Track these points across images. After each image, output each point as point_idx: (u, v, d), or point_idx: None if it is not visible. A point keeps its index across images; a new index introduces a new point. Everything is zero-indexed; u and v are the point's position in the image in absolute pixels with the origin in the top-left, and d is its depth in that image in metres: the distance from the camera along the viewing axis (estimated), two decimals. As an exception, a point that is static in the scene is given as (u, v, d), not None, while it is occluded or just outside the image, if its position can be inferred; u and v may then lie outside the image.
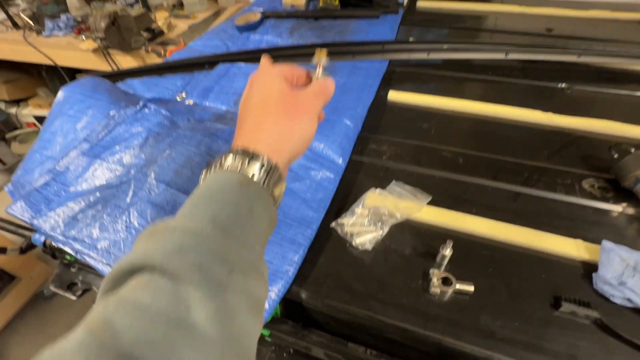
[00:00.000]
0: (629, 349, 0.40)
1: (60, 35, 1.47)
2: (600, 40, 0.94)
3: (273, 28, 1.03)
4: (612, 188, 0.57)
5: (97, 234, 0.46)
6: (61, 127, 0.65)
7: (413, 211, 0.52)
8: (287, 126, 0.35)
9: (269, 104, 0.36)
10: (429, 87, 0.83)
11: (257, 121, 0.35)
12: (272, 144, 0.34)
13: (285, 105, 0.35)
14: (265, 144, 0.33)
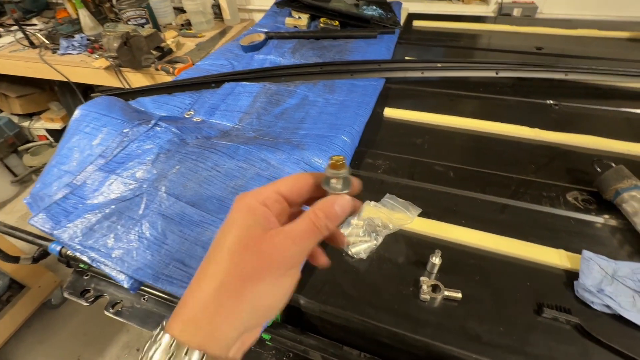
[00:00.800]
0: (607, 352, 0.42)
1: (74, 54, 1.55)
2: (588, 58, 0.99)
3: (276, 48, 1.08)
4: (595, 200, 0.60)
5: (112, 243, 0.50)
6: (78, 144, 0.69)
7: (405, 222, 0.55)
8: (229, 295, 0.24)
9: (212, 260, 0.26)
10: (423, 104, 0.87)
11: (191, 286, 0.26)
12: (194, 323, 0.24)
13: (238, 262, 0.25)
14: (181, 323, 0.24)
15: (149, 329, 0.58)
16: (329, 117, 0.77)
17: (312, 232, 0.26)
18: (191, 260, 0.49)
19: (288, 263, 0.26)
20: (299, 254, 0.26)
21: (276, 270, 0.25)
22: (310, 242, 0.26)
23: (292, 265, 0.26)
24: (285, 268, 0.26)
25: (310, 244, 0.26)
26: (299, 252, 0.26)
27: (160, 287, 0.47)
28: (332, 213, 0.27)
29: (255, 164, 0.61)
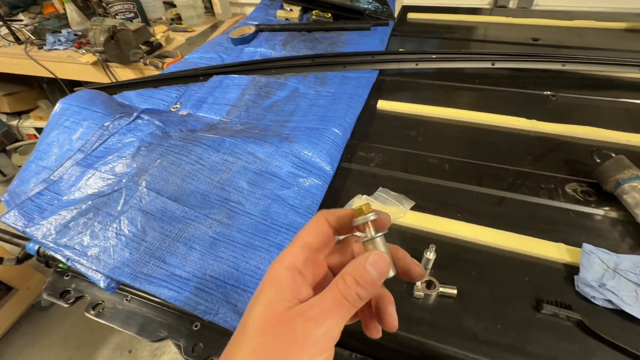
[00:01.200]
0: (610, 349, 0.40)
1: (61, 49, 1.50)
2: (585, 49, 0.97)
3: (267, 40, 1.05)
4: (595, 192, 0.58)
5: (88, 241, 0.48)
6: (57, 138, 0.66)
7: (397, 216, 0.53)
8: None
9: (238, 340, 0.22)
10: (417, 96, 0.85)
11: None
12: None
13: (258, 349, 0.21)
14: None
15: (132, 331, 0.55)
16: (320, 110, 0.74)
17: (340, 306, 0.21)
18: (172, 257, 0.47)
19: (313, 348, 0.21)
20: (326, 336, 0.21)
21: (299, 356, 0.20)
22: (340, 318, 0.21)
23: (320, 350, 0.21)
24: (309, 355, 0.21)
25: (341, 320, 0.22)
26: (324, 333, 0.21)
27: (138, 287, 0.44)
28: (365, 278, 0.22)
29: (242, 157, 0.58)
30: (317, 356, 0.21)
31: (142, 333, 0.54)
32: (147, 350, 1.50)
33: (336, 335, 0.22)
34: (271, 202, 0.54)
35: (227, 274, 0.46)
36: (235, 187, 0.55)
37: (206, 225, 0.50)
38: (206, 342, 0.49)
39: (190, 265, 0.46)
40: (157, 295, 0.44)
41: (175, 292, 0.44)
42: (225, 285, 0.45)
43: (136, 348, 1.50)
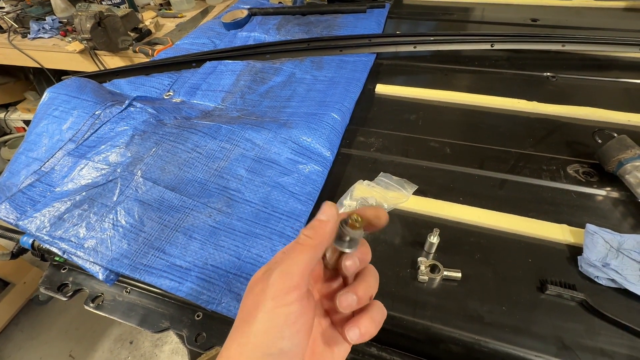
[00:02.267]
0: (614, 328, 0.40)
1: (46, 38, 1.45)
2: (585, 29, 0.95)
3: (260, 25, 1.02)
4: (596, 173, 0.57)
5: (84, 233, 0.46)
6: (46, 129, 0.64)
7: (400, 201, 0.52)
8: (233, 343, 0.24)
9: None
10: (416, 79, 0.83)
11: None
12: None
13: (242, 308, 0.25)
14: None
15: (133, 323, 0.55)
16: (318, 95, 0.73)
17: (295, 249, 0.25)
18: (172, 247, 0.46)
19: (276, 290, 0.23)
20: (286, 277, 0.24)
21: (266, 301, 0.23)
22: (299, 259, 0.25)
23: (282, 291, 0.24)
24: (272, 297, 0.23)
25: (301, 261, 0.24)
26: (284, 274, 0.24)
27: (138, 278, 0.43)
28: (313, 223, 0.26)
29: (239, 144, 0.57)
30: (281, 297, 0.23)
31: (144, 324, 0.53)
32: (149, 340, 1.50)
33: (298, 274, 0.24)
34: (271, 189, 0.53)
35: (229, 263, 0.45)
36: (233, 174, 0.54)
37: (205, 214, 0.49)
38: (209, 332, 0.49)
39: (190, 255, 0.45)
40: (158, 286, 0.43)
41: (177, 283, 0.43)
42: (228, 274, 0.44)
43: (137, 339, 1.51)
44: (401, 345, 0.44)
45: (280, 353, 0.23)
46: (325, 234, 0.25)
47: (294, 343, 0.23)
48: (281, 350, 0.23)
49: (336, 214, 0.26)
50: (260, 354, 0.23)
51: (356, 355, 0.44)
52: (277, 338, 0.23)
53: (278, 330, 0.23)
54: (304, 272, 0.24)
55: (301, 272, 0.24)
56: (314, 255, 0.25)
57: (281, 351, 0.23)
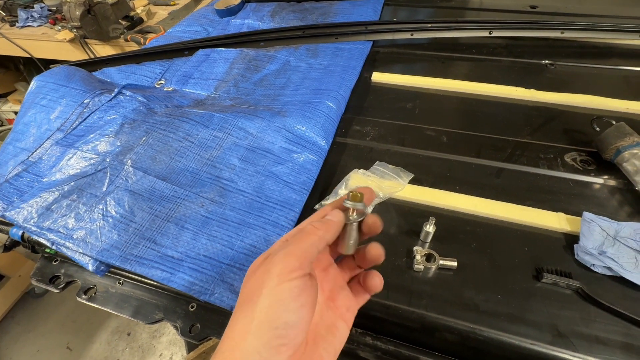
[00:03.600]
0: (609, 315, 0.40)
1: (35, 26, 1.41)
2: (584, 15, 0.94)
3: (254, 12, 1.00)
4: (594, 161, 0.57)
5: (73, 223, 0.45)
6: (34, 118, 0.63)
7: (396, 190, 0.52)
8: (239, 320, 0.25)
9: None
10: (413, 67, 0.82)
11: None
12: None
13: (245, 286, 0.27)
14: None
15: (126, 314, 0.54)
16: (313, 83, 0.71)
17: (302, 237, 0.27)
18: (163, 238, 0.45)
19: (280, 269, 0.25)
20: (290, 258, 0.25)
21: (270, 281, 0.24)
22: (305, 245, 0.26)
23: (285, 270, 0.25)
24: (277, 275, 0.25)
25: (307, 247, 0.26)
26: (287, 256, 0.25)
27: (129, 269, 0.42)
28: (322, 219, 0.28)
29: (232, 132, 0.56)
30: (285, 275, 0.24)
31: (137, 316, 0.53)
32: (146, 332, 1.51)
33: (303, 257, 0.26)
34: (265, 178, 0.52)
35: (221, 253, 0.44)
36: (226, 164, 0.53)
37: (197, 204, 0.48)
38: (203, 323, 0.48)
39: (182, 246, 0.44)
40: (149, 277, 0.42)
41: (168, 274, 0.42)
42: (220, 264, 0.44)
43: (135, 330, 1.51)
44: (396, 334, 0.44)
45: (286, 326, 0.23)
46: (332, 229, 0.28)
47: (298, 316, 0.24)
48: (286, 323, 0.23)
49: (344, 220, 0.29)
50: (267, 328, 0.23)
51: (352, 345, 0.44)
52: (282, 311, 0.23)
53: (283, 303, 0.24)
54: (308, 256, 0.26)
55: (305, 255, 0.26)
56: (318, 243, 0.26)
57: (286, 324, 0.23)
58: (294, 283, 0.24)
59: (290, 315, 0.24)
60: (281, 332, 0.23)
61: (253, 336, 0.23)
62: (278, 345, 0.23)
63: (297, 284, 0.24)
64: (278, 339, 0.23)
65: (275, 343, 0.23)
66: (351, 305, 0.32)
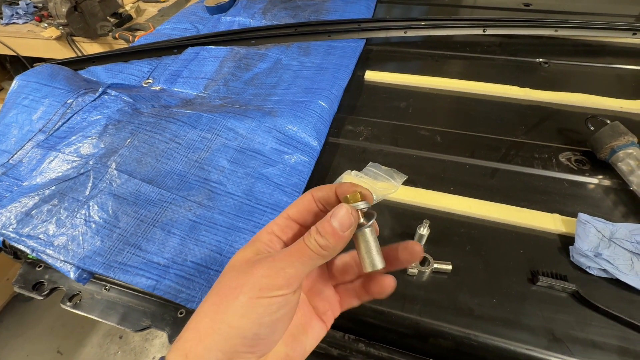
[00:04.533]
0: (605, 319, 0.40)
1: (20, 23, 1.38)
2: (577, 14, 0.94)
3: (245, 9, 0.98)
4: (589, 160, 0.56)
5: (54, 229, 0.43)
6: (16, 119, 0.60)
7: (389, 192, 0.51)
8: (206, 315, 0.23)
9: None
10: (407, 65, 0.81)
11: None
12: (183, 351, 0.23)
13: (220, 284, 0.25)
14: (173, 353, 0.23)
15: (112, 322, 0.52)
16: (305, 82, 0.70)
17: (301, 252, 0.23)
18: (149, 244, 0.43)
19: (264, 283, 0.23)
20: (280, 272, 0.23)
21: (250, 290, 0.22)
22: (300, 263, 0.23)
23: (269, 286, 0.22)
24: (259, 288, 0.22)
25: (301, 265, 0.23)
26: (280, 268, 0.23)
27: (112, 277, 0.41)
28: (326, 228, 0.23)
29: (221, 133, 0.54)
30: (266, 291, 0.22)
31: (124, 323, 0.51)
32: (139, 335, 1.48)
33: (293, 277, 0.23)
34: (255, 181, 0.51)
35: (209, 259, 0.43)
36: (215, 166, 0.51)
37: (185, 208, 0.47)
38: (192, 330, 0.47)
39: (169, 252, 0.43)
40: (133, 285, 0.41)
41: (154, 281, 0.41)
42: (209, 270, 0.42)
43: (127, 334, 1.49)
44: (390, 341, 0.43)
45: (256, 337, 0.23)
46: (340, 248, 0.23)
47: (271, 330, 0.23)
48: (257, 335, 0.23)
49: (355, 223, 0.24)
50: (235, 335, 0.22)
51: (343, 352, 0.43)
52: (254, 324, 0.22)
53: (257, 317, 0.22)
54: (300, 276, 0.23)
55: (296, 275, 0.23)
56: (317, 264, 0.24)
57: (256, 336, 0.23)
58: (274, 300, 0.22)
59: (263, 329, 0.23)
60: (250, 342, 0.23)
61: (220, 337, 0.22)
62: (244, 352, 0.23)
63: (277, 300, 0.23)
64: (244, 347, 0.23)
65: (242, 350, 0.23)
66: (332, 306, 0.29)
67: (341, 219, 0.23)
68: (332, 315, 0.29)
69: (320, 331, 0.28)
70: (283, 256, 0.23)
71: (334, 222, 0.23)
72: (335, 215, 0.23)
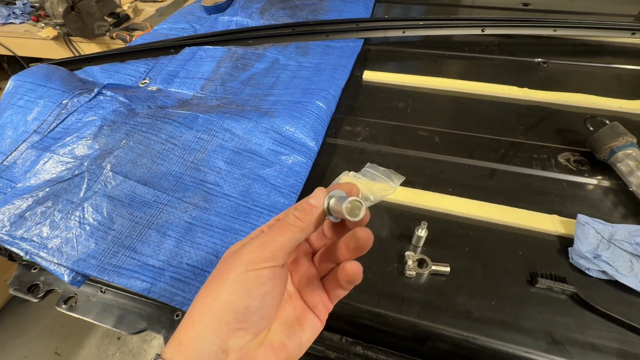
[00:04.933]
0: (605, 321, 0.39)
1: (17, 23, 1.37)
2: (576, 13, 0.93)
3: (243, 8, 0.97)
4: (588, 161, 0.56)
5: (48, 232, 0.43)
6: (11, 120, 0.60)
7: (387, 193, 0.50)
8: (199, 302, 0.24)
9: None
10: (405, 65, 0.81)
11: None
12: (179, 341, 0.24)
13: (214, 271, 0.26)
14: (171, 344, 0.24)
15: (108, 324, 0.52)
16: (302, 82, 0.69)
17: (282, 226, 0.25)
18: (144, 246, 0.43)
19: (250, 257, 0.24)
20: (265, 249, 0.24)
21: (238, 266, 0.24)
22: (281, 237, 0.25)
23: (256, 259, 0.24)
24: (246, 263, 0.24)
25: (283, 239, 0.25)
26: (262, 246, 0.24)
27: (106, 280, 0.40)
28: (302, 204, 0.26)
29: (218, 134, 0.54)
30: (253, 264, 0.24)
31: (120, 325, 0.51)
32: (137, 336, 1.48)
33: (278, 249, 0.24)
34: (251, 182, 0.50)
35: (205, 261, 0.43)
36: (211, 167, 0.51)
37: (181, 210, 0.46)
38: (188, 333, 0.46)
39: (164, 254, 0.42)
40: (128, 288, 0.40)
41: (149, 284, 0.40)
42: (204, 273, 0.42)
43: (125, 335, 1.48)
44: (387, 343, 0.42)
45: (246, 311, 0.23)
46: (314, 219, 0.25)
47: (261, 304, 0.24)
48: (247, 308, 0.23)
49: (326, 201, 0.26)
50: (226, 310, 0.23)
51: (341, 355, 0.42)
52: (244, 296, 0.23)
53: (246, 289, 0.23)
54: (284, 248, 0.25)
55: (281, 247, 0.24)
56: (298, 236, 0.25)
57: (247, 309, 0.23)
58: (262, 272, 0.24)
59: (252, 301, 0.23)
60: (241, 317, 0.23)
61: (212, 317, 0.23)
62: (236, 328, 0.23)
63: (264, 272, 0.24)
64: (237, 323, 0.23)
65: (234, 326, 0.23)
66: (323, 300, 0.30)
67: (315, 195, 0.26)
68: (325, 309, 0.30)
69: (315, 325, 0.29)
70: (266, 233, 0.25)
71: (310, 199, 0.26)
72: (311, 195, 0.26)
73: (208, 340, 0.23)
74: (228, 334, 0.23)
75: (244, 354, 0.24)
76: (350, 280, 0.27)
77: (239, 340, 0.24)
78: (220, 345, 0.23)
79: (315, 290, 0.30)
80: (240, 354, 0.24)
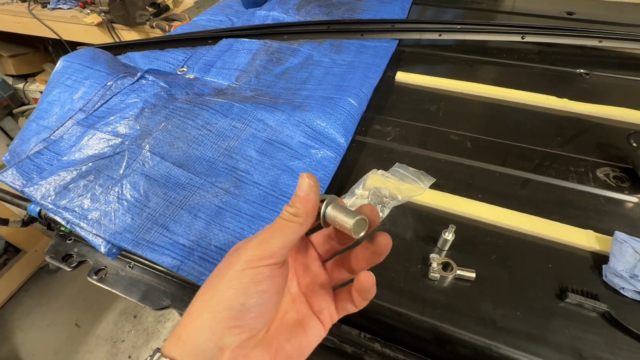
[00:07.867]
0: (637, 343, 0.38)
1: (65, 9, 1.44)
2: (624, 25, 0.89)
3: (280, 4, 0.99)
4: (628, 178, 0.54)
5: (89, 204, 0.45)
6: (58, 97, 0.63)
7: (415, 194, 0.50)
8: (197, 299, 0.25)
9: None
10: (439, 69, 0.79)
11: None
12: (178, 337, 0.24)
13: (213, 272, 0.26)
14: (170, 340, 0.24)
15: (134, 298, 0.54)
16: (335, 79, 0.70)
17: (279, 225, 0.25)
18: (176, 225, 0.44)
19: (249, 255, 0.24)
20: (264, 247, 0.24)
21: (238, 264, 0.24)
22: (280, 234, 0.25)
23: (255, 257, 0.24)
24: (245, 260, 0.24)
25: (281, 237, 0.25)
26: (261, 244, 0.24)
27: (140, 254, 0.42)
28: (294, 199, 0.25)
29: (251, 124, 0.55)
30: (251, 262, 0.24)
31: (145, 300, 0.53)
32: (152, 316, 1.53)
33: (277, 247, 0.24)
34: (281, 172, 0.51)
35: (232, 245, 0.43)
36: (243, 155, 0.52)
37: (212, 194, 0.48)
38: (209, 313, 0.48)
39: (194, 234, 0.44)
40: (159, 263, 0.42)
41: (178, 261, 0.42)
42: (231, 256, 0.43)
43: (141, 314, 1.54)
44: (406, 343, 0.42)
45: (242, 309, 0.23)
46: (309, 212, 0.25)
47: (257, 302, 0.24)
48: (243, 305, 0.23)
49: (315, 185, 0.25)
50: (222, 307, 0.23)
51: (359, 349, 0.43)
52: (241, 293, 0.23)
53: (243, 287, 0.23)
54: (284, 246, 0.24)
55: (281, 245, 0.24)
56: (297, 232, 0.25)
57: (243, 306, 0.23)
58: (260, 270, 0.24)
59: (249, 299, 0.23)
60: (237, 314, 0.23)
61: (209, 313, 0.23)
62: (232, 326, 0.23)
63: (262, 270, 0.24)
64: (232, 320, 0.23)
65: (230, 324, 0.23)
66: (329, 307, 0.29)
67: (301, 185, 0.25)
68: (329, 317, 0.29)
69: (318, 331, 0.28)
70: (265, 232, 0.25)
71: (297, 190, 0.25)
72: (298, 186, 0.25)
73: (205, 336, 0.23)
74: (223, 332, 0.23)
75: (239, 353, 0.24)
76: (363, 289, 0.27)
77: (235, 338, 0.23)
78: (216, 342, 0.23)
79: (322, 296, 0.29)
80: (236, 353, 0.23)
